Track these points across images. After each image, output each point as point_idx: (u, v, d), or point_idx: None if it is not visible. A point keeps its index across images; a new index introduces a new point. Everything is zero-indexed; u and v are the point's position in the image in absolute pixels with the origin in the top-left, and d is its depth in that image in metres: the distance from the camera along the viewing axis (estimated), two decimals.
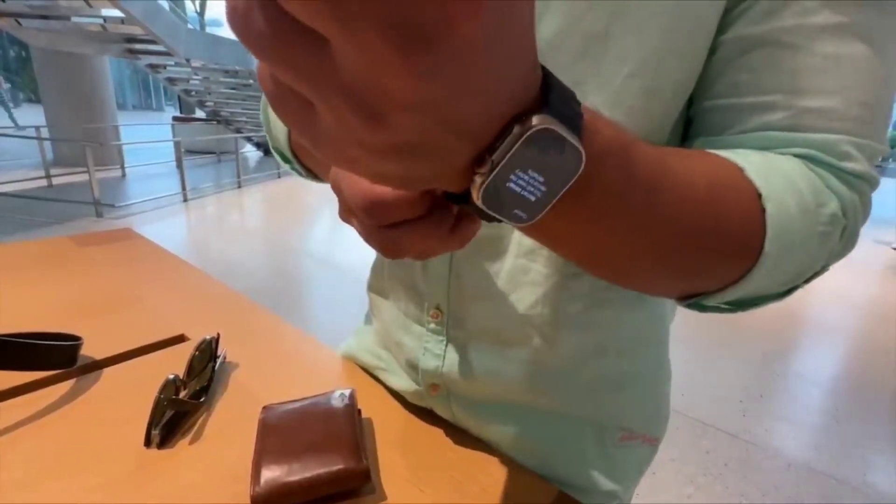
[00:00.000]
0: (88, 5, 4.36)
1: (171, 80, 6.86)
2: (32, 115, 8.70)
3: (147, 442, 0.42)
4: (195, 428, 0.44)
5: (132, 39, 5.32)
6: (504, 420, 0.44)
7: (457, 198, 0.19)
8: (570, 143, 0.17)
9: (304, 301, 2.93)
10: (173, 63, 6.12)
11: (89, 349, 0.54)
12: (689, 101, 0.34)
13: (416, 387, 0.46)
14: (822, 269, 0.29)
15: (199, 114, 9.29)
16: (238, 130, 8.00)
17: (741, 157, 0.27)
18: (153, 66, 6.28)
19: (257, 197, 5.85)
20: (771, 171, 0.26)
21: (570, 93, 0.18)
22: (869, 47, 0.26)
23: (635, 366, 0.44)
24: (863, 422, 1.95)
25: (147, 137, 9.56)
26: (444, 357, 0.43)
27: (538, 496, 0.40)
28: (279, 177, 6.90)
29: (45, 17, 4.70)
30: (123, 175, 6.43)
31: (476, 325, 0.42)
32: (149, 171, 6.66)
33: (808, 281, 0.30)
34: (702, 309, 0.31)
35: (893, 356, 2.49)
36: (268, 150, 9.36)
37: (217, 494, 0.37)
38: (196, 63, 6.07)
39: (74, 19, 4.84)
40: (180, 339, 0.60)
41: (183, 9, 9.03)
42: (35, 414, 0.45)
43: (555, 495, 0.40)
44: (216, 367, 0.52)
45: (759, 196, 0.25)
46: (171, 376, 0.46)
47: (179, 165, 5.22)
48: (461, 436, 0.46)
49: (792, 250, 0.26)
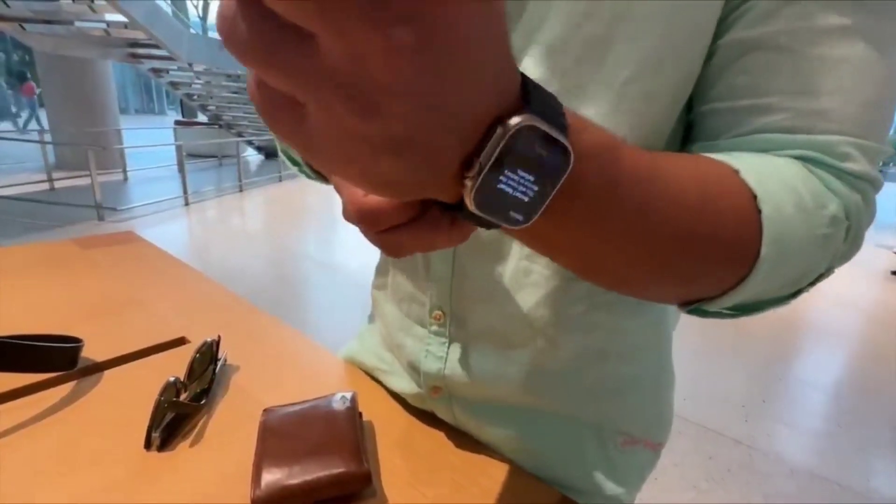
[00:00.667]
0: (92, 10, 4.39)
1: (174, 85, 6.89)
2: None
3: (147, 444, 0.41)
4: (195, 430, 0.44)
5: (135, 44, 5.35)
6: (505, 423, 0.44)
7: (453, 208, 0.19)
8: (556, 139, 0.17)
9: (305, 304, 2.93)
10: (175, 67, 6.15)
11: (90, 351, 0.54)
12: (689, 105, 0.34)
13: (418, 389, 0.46)
14: (827, 272, 0.29)
15: (201, 118, 9.33)
16: (239, 134, 8.03)
17: (736, 160, 0.26)
18: (156, 71, 6.31)
19: (258, 200, 5.86)
20: (767, 172, 0.26)
21: (550, 94, 0.18)
22: (869, 49, 0.26)
23: (637, 370, 0.44)
24: (866, 427, 1.94)
25: (149, 141, 9.59)
26: (445, 359, 0.43)
27: (539, 499, 0.40)
28: (280, 180, 6.91)
29: (49, 22, 4.73)
30: (125, 178, 6.45)
31: (478, 327, 0.41)
32: (151, 175, 6.68)
33: (812, 284, 0.29)
34: (703, 314, 0.30)
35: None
36: (269, 153, 9.38)
37: (217, 497, 0.37)
38: (198, 67, 6.11)
39: (78, 24, 4.87)
40: (181, 341, 0.60)
41: (185, 13, 9.08)
42: (35, 416, 0.45)
43: (556, 498, 0.40)
44: (217, 370, 0.52)
45: (755, 198, 0.25)
46: (172, 379, 0.45)
47: (181, 169, 5.24)
48: (462, 438, 0.45)
49: (791, 253, 0.26)
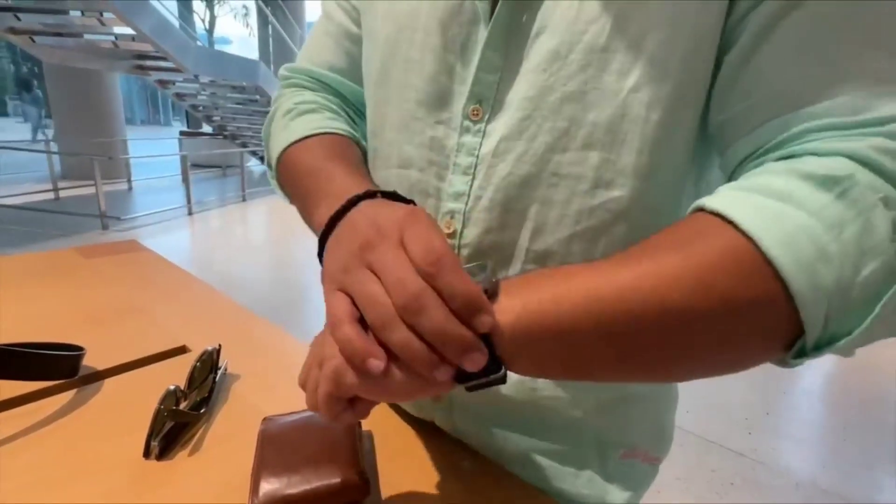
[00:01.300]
0: (101, 23, 4.46)
1: (180, 96, 6.97)
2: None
3: (146, 453, 0.41)
4: (195, 439, 0.44)
5: (142, 56, 5.42)
6: (506, 432, 0.44)
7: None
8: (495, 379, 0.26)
9: (306, 313, 2.93)
10: (181, 79, 6.22)
11: (91, 360, 0.55)
12: (705, 121, 0.34)
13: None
14: None
15: (206, 129, 9.42)
16: (244, 145, 8.09)
17: (715, 200, 0.26)
18: (162, 82, 6.38)
19: (261, 210, 5.89)
20: (753, 194, 0.25)
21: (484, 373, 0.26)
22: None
23: (641, 388, 0.44)
24: (871, 440, 1.92)
25: (154, 151, 9.67)
26: None
27: None
28: None
29: (59, 35, 4.81)
30: (130, 188, 6.50)
31: None
32: (155, 185, 6.73)
33: None
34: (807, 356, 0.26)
35: None
36: None
37: None
38: (204, 79, 6.18)
39: (87, 36, 4.94)
40: (182, 350, 0.60)
41: (192, 27, 9.22)
42: (35, 424, 0.45)
43: None
44: (217, 379, 0.52)
45: (749, 237, 0.23)
46: (172, 387, 0.46)
47: (185, 179, 5.28)
48: (462, 448, 0.45)
49: (834, 262, 0.22)
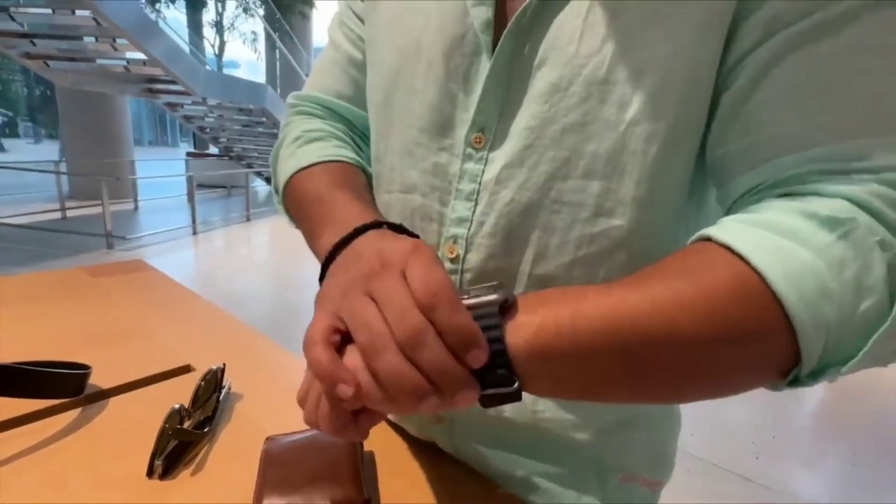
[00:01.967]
0: (114, 48, 4.60)
1: (188, 118, 7.11)
2: (52, 151, 8.99)
3: (150, 472, 0.42)
4: (198, 458, 0.44)
5: (153, 80, 5.56)
6: (507, 454, 0.44)
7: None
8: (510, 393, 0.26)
9: None
10: (190, 101, 6.37)
11: (96, 378, 0.55)
12: (703, 153, 0.35)
13: (420, 417, 0.47)
14: None
15: (213, 150, 9.57)
16: (249, 165, 8.20)
17: (722, 232, 0.27)
18: (171, 105, 6.53)
19: (265, 229, 5.93)
20: (756, 228, 0.26)
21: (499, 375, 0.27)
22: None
23: (643, 412, 0.44)
24: (881, 465, 1.88)
25: (162, 172, 9.81)
26: None
27: None
28: None
29: (73, 60, 4.95)
30: (136, 208, 6.57)
31: None
32: (161, 205, 6.81)
33: None
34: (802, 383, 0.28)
35: None
36: None
37: None
38: (212, 101, 6.31)
39: (99, 61, 5.08)
40: (186, 369, 0.61)
41: (202, 51, 9.46)
42: (41, 442, 0.45)
43: None
44: (221, 398, 0.53)
45: (756, 271, 0.24)
46: (176, 406, 0.46)
47: (191, 199, 5.34)
48: (463, 470, 0.45)
49: (832, 294, 0.24)
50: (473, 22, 0.38)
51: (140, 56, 4.68)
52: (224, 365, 0.55)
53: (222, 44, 9.04)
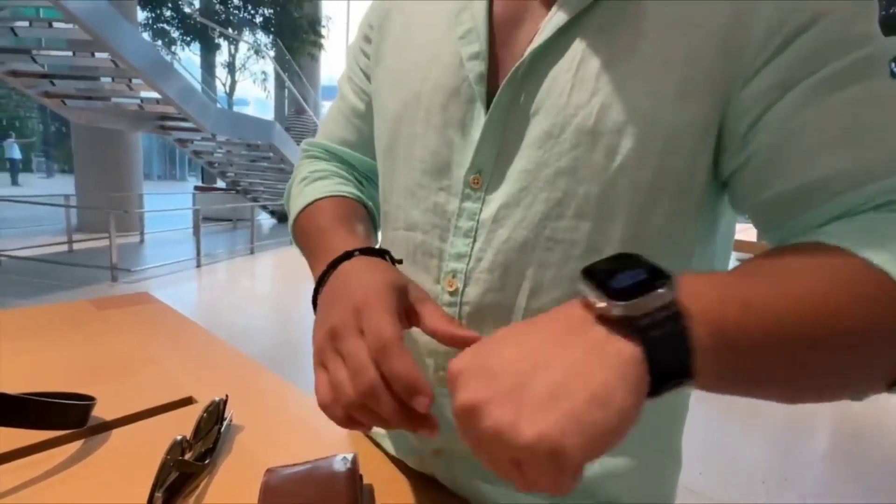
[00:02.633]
0: (129, 88, 4.79)
1: (197, 153, 7.30)
2: (63, 185, 9.19)
3: None
4: (198, 490, 0.45)
5: (165, 117, 5.76)
6: (505, 490, 0.44)
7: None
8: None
9: (310, 366, 2.90)
10: (200, 137, 6.56)
11: (100, 410, 0.56)
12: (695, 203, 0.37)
13: (419, 450, 0.47)
14: None
15: (220, 183, 9.76)
16: (255, 199, 8.35)
17: (835, 237, 0.29)
18: (181, 141, 6.72)
19: (268, 262, 5.97)
20: (871, 233, 0.29)
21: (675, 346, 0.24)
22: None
23: (643, 452, 0.44)
24: None
25: (170, 205, 9.98)
26: (451, 421, 0.44)
27: None
28: (291, 243, 7.06)
29: (89, 98, 5.14)
30: (142, 240, 6.65)
31: None
32: (167, 237, 6.89)
33: None
34: None
35: None
36: (281, 217, 9.69)
37: None
38: (221, 138, 6.50)
39: (115, 99, 5.28)
40: (188, 401, 0.62)
41: (214, 90, 9.81)
42: (43, 473, 0.46)
43: None
44: (222, 430, 0.53)
45: (872, 267, 0.27)
46: (178, 438, 0.47)
47: (196, 231, 5.41)
48: (462, 503, 0.45)
49: None
50: (469, 74, 0.41)
51: (154, 95, 4.86)
52: (226, 397, 0.56)
53: (233, 83, 9.37)
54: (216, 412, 0.54)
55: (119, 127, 6.07)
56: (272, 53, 9.19)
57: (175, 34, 8.56)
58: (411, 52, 0.46)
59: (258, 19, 8.86)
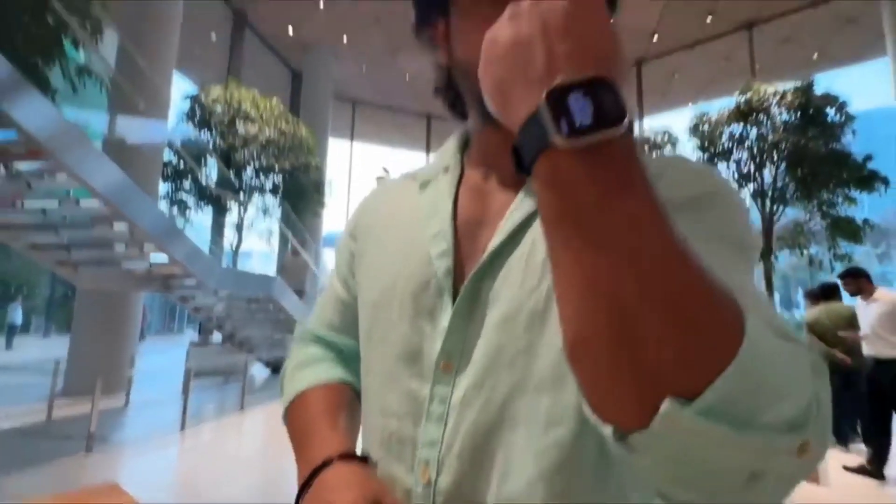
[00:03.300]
0: (141, 252, 5.08)
1: (197, 309, 7.41)
2: (59, 346, 9.12)
3: None
4: None
5: (170, 276, 6.00)
6: None
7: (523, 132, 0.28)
8: (621, 99, 0.26)
9: None
10: (202, 294, 6.74)
11: None
12: None
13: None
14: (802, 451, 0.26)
15: (216, 335, 9.72)
16: (250, 351, 8.23)
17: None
18: (184, 298, 6.88)
19: (258, 419, 5.62)
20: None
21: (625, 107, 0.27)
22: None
23: None
24: None
25: (163, 362, 9.76)
26: None
27: None
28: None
29: (101, 264, 5.40)
30: (127, 402, 6.33)
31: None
32: (153, 398, 6.58)
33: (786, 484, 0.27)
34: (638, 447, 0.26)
35: None
36: (276, 368, 9.42)
37: None
38: (222, 293, 6.69)
39: (125, 265, 5.55)
40: None
41: (221, 248, 10.43)
42: None
43: None
44: None
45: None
46: None
47: (185, 391, 5.19)
48: None
49: (769, 360, 0.25)
50: (437, 270, 0.46)
51: (163, 258, 5.14)
52: None
53: (240, 242, 10.01)
54: None
55: (125, 289, 6.27)
56: (278, 213, 10.02)
57: (190, 201, 9.42)
58: (389, 249, 0.53)
59: (268, 185, 9.85)
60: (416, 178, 0.55)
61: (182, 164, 8.95)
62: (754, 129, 8.69)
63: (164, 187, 8.86)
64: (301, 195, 10.02)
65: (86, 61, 5.33)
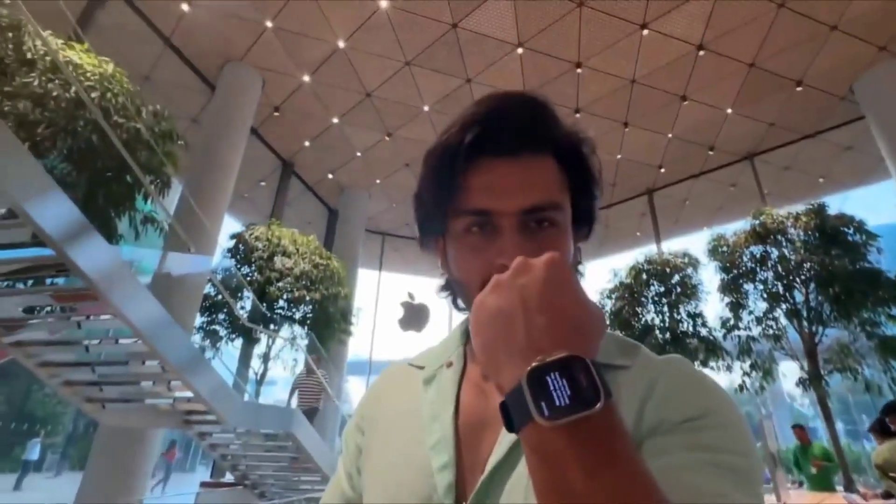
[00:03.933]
0: (169, 390, 5.09)
1: (213, 446, 7.12)
2: (69, 485, 8.68)
3: None
4: None
5: (191, 412, 5.90)
6: None
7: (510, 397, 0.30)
8: (595, 378, 0.28)
9: None
10: (220, 430, 6.52)
11: None
12: None
13: None
14: None
15: (228, 475, 9.11)
16: (262, 494, 7.62)
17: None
18: (202, 434, 6.67)
19: None
20: None
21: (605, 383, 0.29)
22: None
23: None
24: None
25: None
26: None
27: None
28: None
29: (127, 402, 5.40)
30: None
31: None
32: None
33: None
34: None
35: None
36: None
37: None
38: (241, 429, 6.46)
39: (148, 401, 5.52)
40: None
41: (246, 379, 10.36)
42: None
43: None
44: None
45: None
46: None
47: None
48: None
49: None
50: (438, 486, 0.48)
51: (187, 394, 5.12)
52: None
53: (265, 372, 9.97)
54: None
55: (145, 425, 6.16)
56: (304, 343, 10.10)
57: (222, 332, 9.65)
58: (392, 453, 0.54)
59: (297, 315, 10.07)
60: (421, 369, 0.58)
61: (219, 297, 9.40)
62: (775, 250, 8.71)
63: (199, 319, 9.20)
64: (328, 323, 10.18)
65: (151, 210, 5.96)
